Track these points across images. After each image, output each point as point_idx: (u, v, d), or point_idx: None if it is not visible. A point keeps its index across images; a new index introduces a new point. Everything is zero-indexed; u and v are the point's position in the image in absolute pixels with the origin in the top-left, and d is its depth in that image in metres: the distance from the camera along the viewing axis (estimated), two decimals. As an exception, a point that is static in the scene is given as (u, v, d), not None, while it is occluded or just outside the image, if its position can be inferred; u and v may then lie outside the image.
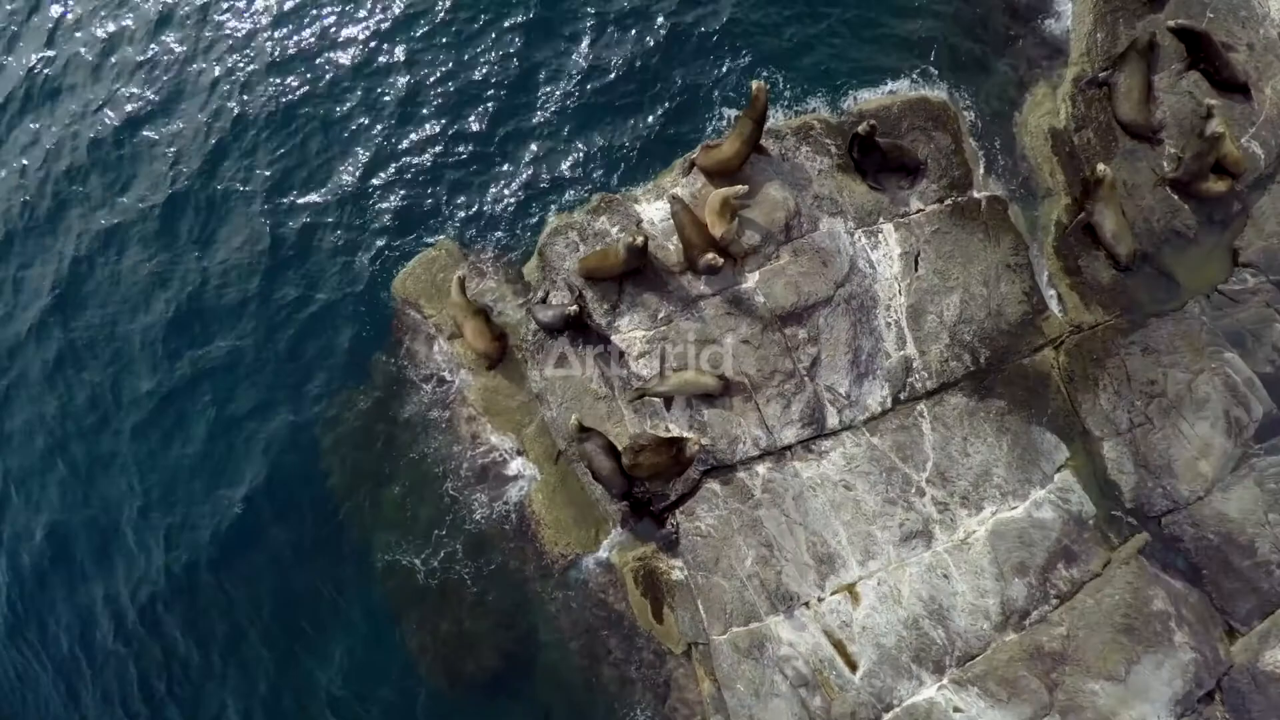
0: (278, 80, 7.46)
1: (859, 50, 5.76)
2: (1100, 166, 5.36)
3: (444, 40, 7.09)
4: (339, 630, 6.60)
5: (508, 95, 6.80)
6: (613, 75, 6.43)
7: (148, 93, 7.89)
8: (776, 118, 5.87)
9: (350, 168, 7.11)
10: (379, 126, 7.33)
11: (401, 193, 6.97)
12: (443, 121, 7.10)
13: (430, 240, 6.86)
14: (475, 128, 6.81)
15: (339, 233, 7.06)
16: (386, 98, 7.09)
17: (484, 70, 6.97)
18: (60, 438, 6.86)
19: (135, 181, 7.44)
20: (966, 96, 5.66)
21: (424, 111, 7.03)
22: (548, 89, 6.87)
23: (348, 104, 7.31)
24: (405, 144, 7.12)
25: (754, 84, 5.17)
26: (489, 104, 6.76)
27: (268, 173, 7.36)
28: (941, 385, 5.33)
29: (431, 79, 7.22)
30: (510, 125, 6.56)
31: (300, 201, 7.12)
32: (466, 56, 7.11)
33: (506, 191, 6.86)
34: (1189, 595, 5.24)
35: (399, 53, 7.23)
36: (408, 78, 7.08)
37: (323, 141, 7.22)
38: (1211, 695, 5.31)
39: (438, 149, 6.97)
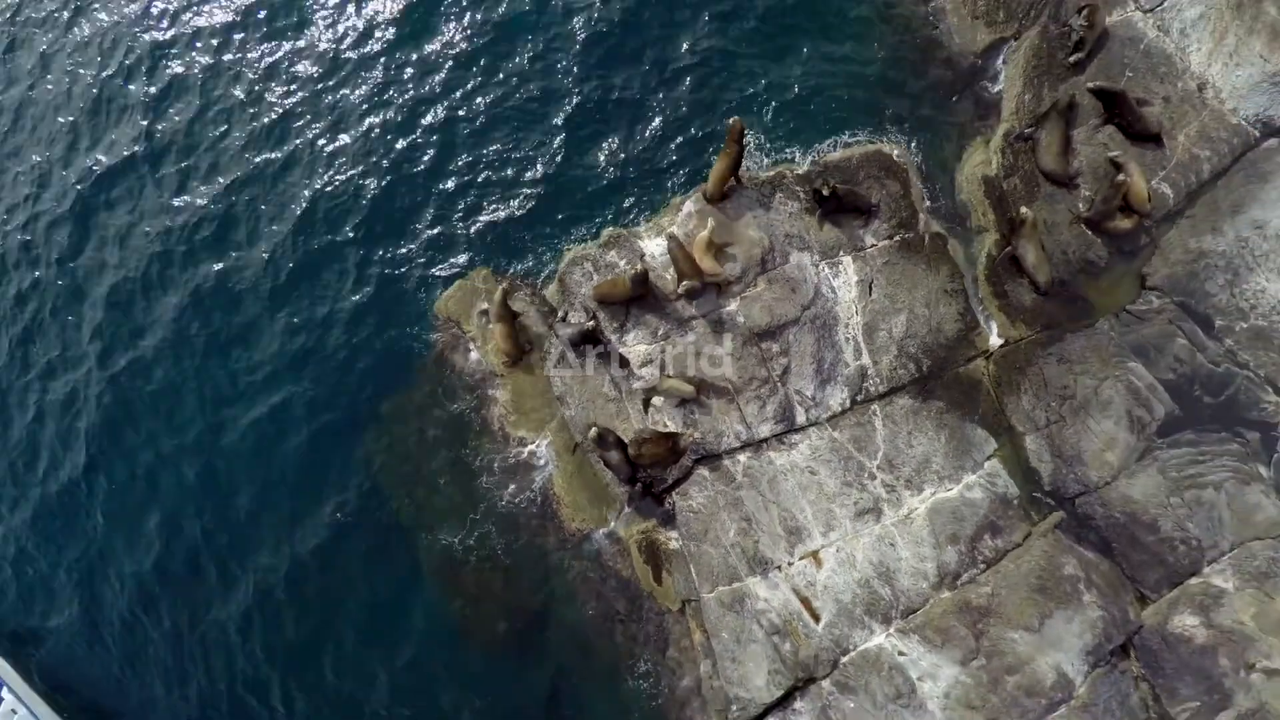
0: (339, 138, 8.58)
1: (824, 111, 6.81)
2: (1023, 209, 6.38)
3: (469, 99, 8.14)
4: (390, 598, 7.77)
5: (531, 141, 7.96)
6: (613, 129, 7.52)
7: (236, 138, 9.01)
8: (756, 167, 6.96)
9: (398, 208, 8.33)
10: (419, 168, 8.43)
11: (439, 229, 8.14)
12: (475, 165, 8.21)
13: (466, 267, 8.18)
14: (505, 172, 7.92)
15: (389, 262, 8.28)
16: (426, 154, 8.16)
17: (513, 123, 8.10)
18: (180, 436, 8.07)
19: (255, 237, 8.44)
20: (914, 149, 6.69)
21: (459, 160, 8.09)
22: (560, 138, 8.00)
23: (393, 155, 8.39)
24: (443, 186, 8.26)
25: (731, 120, 6.29)
26: (516, 149, 7.92)
27: (328, 212, 8.52)
28: (891, 389, 6.41)
29: (465, 130, 8.30)
30: (532, 168, 7.71)
31: (355, 236, 8.29)
32: (488, 113, 8.12)
33: (529, 225, 8.05)
34: (1100, 564, 6.23)
35: (439, 111, 8.25)
36: (444, 134, 8.13)
37: (376, 186, 8.40)
38: (1126, 651, 6.31)
39: (471, 190, 8.12)
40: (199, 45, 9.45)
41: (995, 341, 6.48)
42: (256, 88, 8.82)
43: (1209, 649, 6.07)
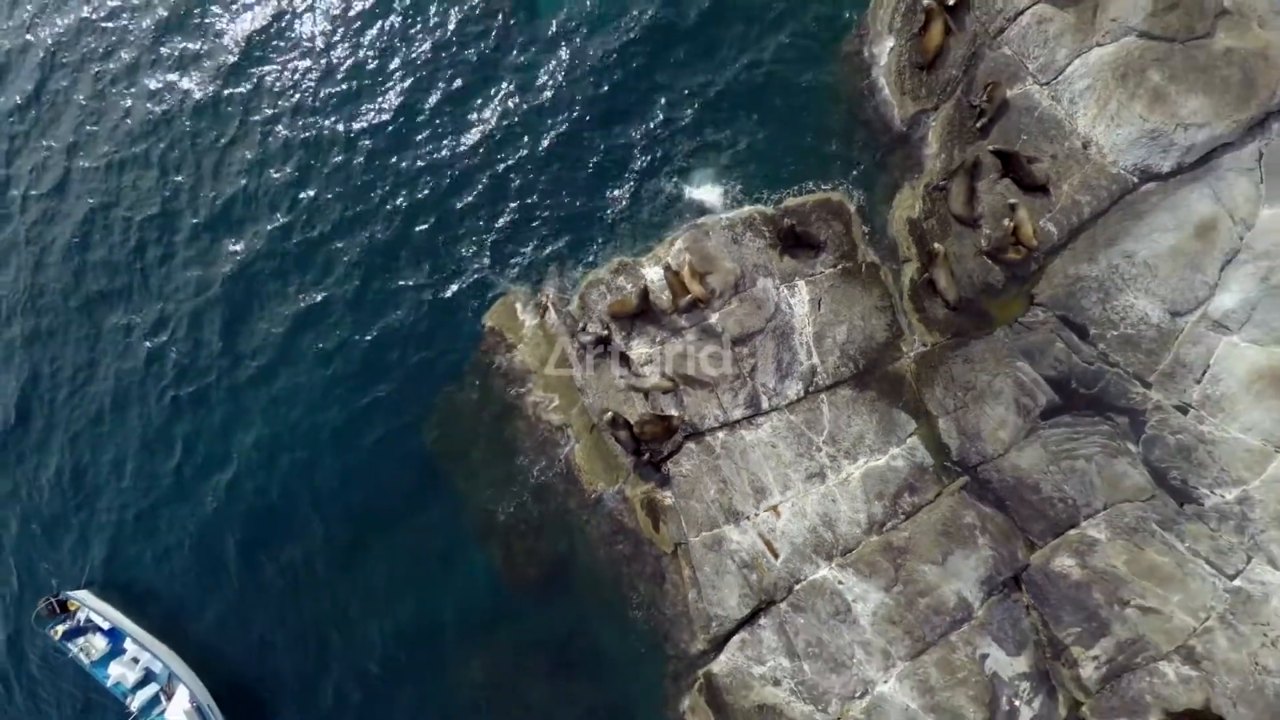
0: (403, 194, 10.14)
1: (785, 166, 8.54)
2: (937, 244, 8.08)
3: (510, 167, 9.74)
4: (446, 552, 9.65)
5: (556, 193, 9.71)
6: (620, 182, 9.25)
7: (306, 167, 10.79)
8: (728, 212, 8.82)
9: (454, 244, 9.99)
10: (466, 211, 10.00)
11: (488, 259, 9.86)
12: (512, 211, 9.81)
13: (507, 287, 10.13)
14: (539, 215, 9.60)
15: (446, 286, 10.09)
16: (472, 199, 9.86)
17: (539, 180, 9.71)
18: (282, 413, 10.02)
19: (330, 265, 10.28)
20: (856, 197, 8.43)
21: (500, 207, 9.80)
22: (578, 189, 9.58)
23: (443, 203, 10.00)
24: (489, 225, 9.90)
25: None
26: (545, 200, 9.68)
27: (402, 255, 9.98)
28: (835, 382, 8.19)
29: (501, 186, 9.92)
30: (559, 213, 9.56)
31: (420, 268, 9.95)
32: (522, 175, 9.75)
33: (557, 256, 9.89)
34: (995, 517, 7.92)
35: (481, 174, 9.84)
36: (487, 188, 9.83)
37: (436, 229, 10.02)
38: (1018, 584, 8.01)
39: (513, 230, 9.94)
40: (289, 105, 11.53)
41: (917, 346, 8.19)
42: (344, 158, 10.44)
43: (1084, 585, 7.75)
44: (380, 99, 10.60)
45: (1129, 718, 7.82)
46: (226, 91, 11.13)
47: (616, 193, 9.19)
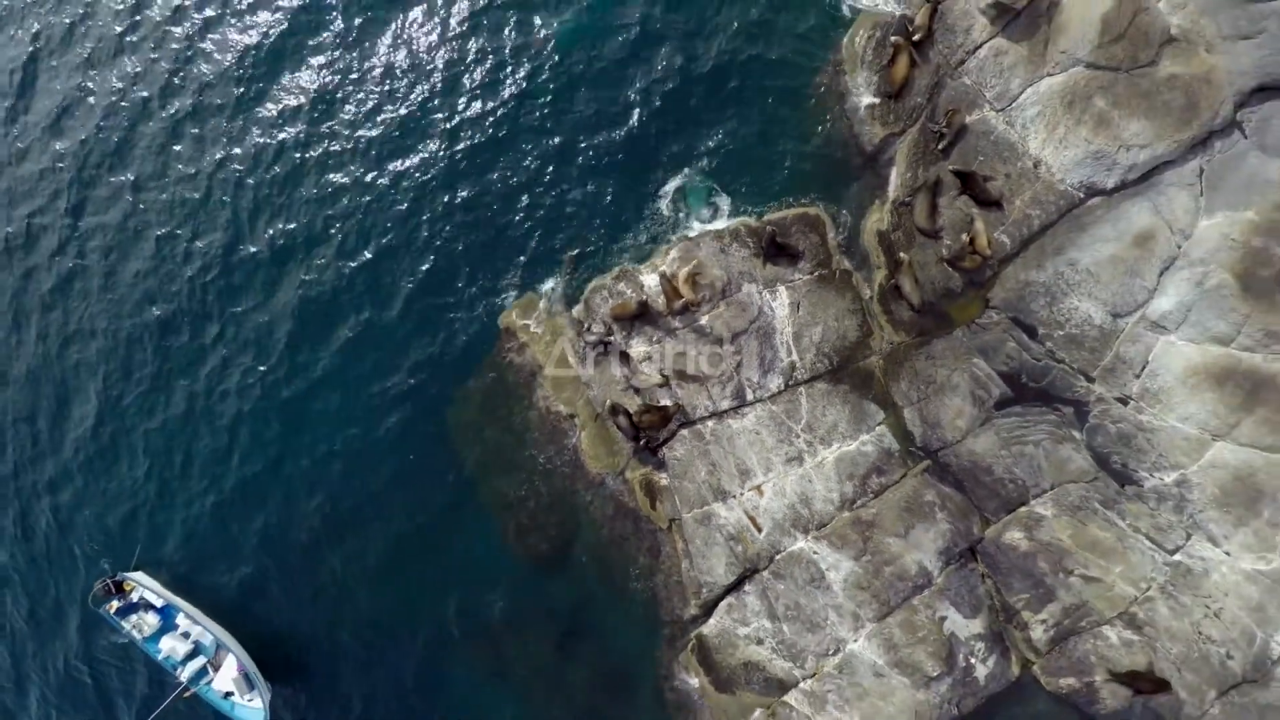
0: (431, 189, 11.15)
1: (767, 184, 9.41)
2: (902, 254, 9.01)
3: (520, 186, 10.66)
4: (464, 531, 10.61)
5: (566, 212, 10.63)
6: (623, 202, 10.14)
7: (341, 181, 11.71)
8: (716, 225, 9.87)
9: (476, 256, 10.80)
10: (483, 224, 10.84)
11: (502, 267, 10.78)
12: (522, 224, 10.69)
13: (519, 293, 10.99)
14: (549, 229, 10.50)
15: (467, 291, 10.92)
16: (490, 213, 10.77)
17: (546, 197, 10.60)
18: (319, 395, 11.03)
19: (363, 240, 11.19)
20: (832, 211, 9.30)
21: (513, 219, 10.71)
22: (582, 207, 10.48)
23: (466, 218, 10.88)
24: (503, 238, 10.80)
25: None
26: (553, 216, 10.64)
27: (432, 272, 10.79)
28: (811, 377, 9.09)
29: (512, 204, 10.75)
30: (567, 228, 10.60)
31: (445, 278, 10.82)
32: (533, 195, 10.63)
33: (563, 263, 10.92)
34: (954, 496, 8.81)
35: (495, 193, 10.74)
36: (502, 201, 10.73)
37: (459, 238, 10.95)
38: (973, 555, 8.95)
39: (525, 241, 10.79)
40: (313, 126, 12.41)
41: (884, 344, 9.07)
42: (383, 193, 11.20)
43: (1032, 555, 8.65)
44: (420, 140, 11.39)
45: (1076, 677, 8.75)
46: (280, 136, 12.07)
47: (617, 208, 10.11)
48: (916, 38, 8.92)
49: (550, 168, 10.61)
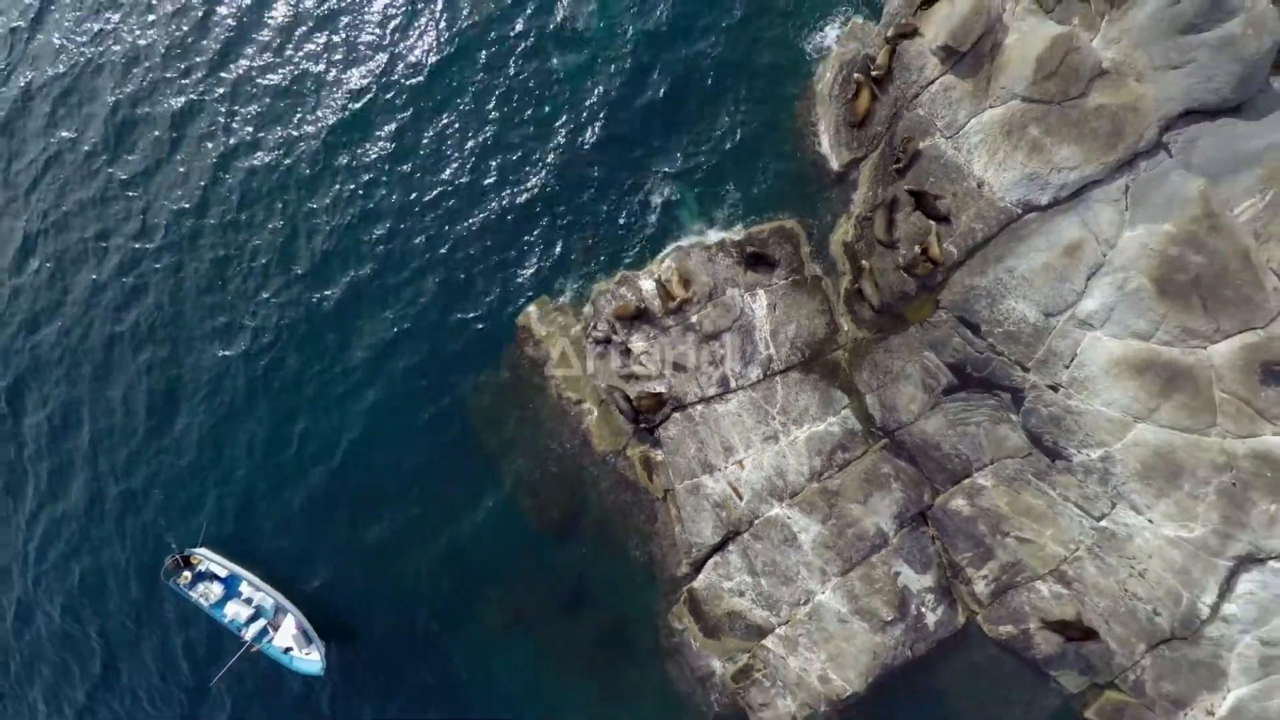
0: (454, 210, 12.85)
1: (749, 201, 10.61)
2: (864, 262, 10.34)
3: (530, 199, 12.06)
4: (482, 500, 11.87)
5: (579, 224, 12.27)
6: (625, 219, 11.49)
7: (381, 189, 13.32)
8: (705, 237, 11.19)
9: (492, 259, 12.31)
10: (503, 233, 12.27)
11: (519, 273, 12.29)
12: (536, 237, 12.10)
13: (534, 294, 12.35)
14: (562, 240, 11.87)
15: (488, 293, 12.41)
16: (509, 226, 12.11)
17: (561, 212, 12.02)
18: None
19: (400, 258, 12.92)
20: (805, 224, 10.53)
21: (530, 233, 12.09)
22: (594, 219, 12.09)
23: (491, 228, 12.19)
24: (522, 244, 12.18)
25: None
26: (566, 227, 12.16)
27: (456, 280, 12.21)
28: (786, 368, 10.31)
29: (529, 214, 12.16)
30: (578, 237, 12.16)
31: (472, 280, 12.16)
32: (551, 210, 12.02)
33: (574, 268, 12.35)
34: (908, 469, 10.10)
35: (511, 206, 12.38)
36: (518, 216, 12.06)
37: (481, 250, 12.31)
38: (924, 519, 10.33)
39: (538, 250, 12.47)
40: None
41: (849, 340, 10.30)
42: (421, 211, 12.50)
43: (973, 519, 9.99)
44: (448, 163, 12.69)
45: (1013, 625, 10.09)
46: (321, 164, 13.44)
47: (620, 222, 11.41)
48: (877, 75, 10.22)
49: (561, 188, 12.00)
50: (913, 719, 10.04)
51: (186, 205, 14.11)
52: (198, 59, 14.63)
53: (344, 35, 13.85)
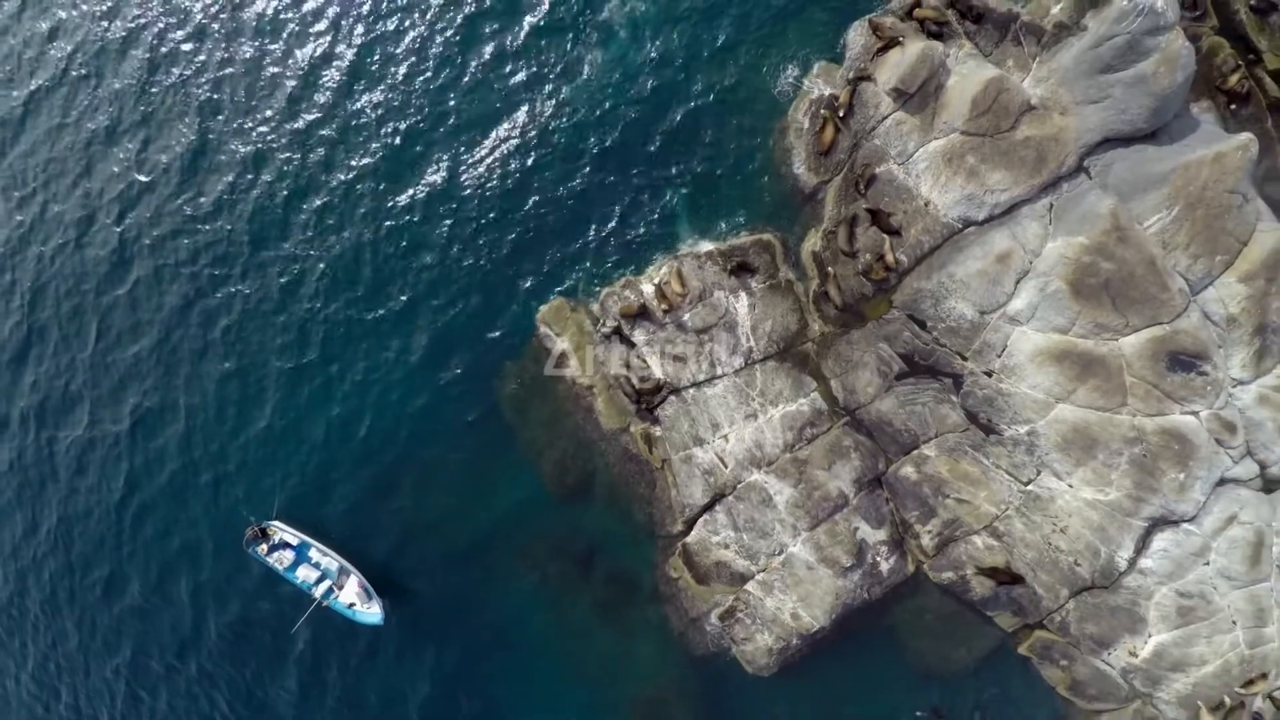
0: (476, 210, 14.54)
1: (733, 218, 12.05)
2: (830, 268, 12.14)
3: (536, 206, 13.58)
4: (507, 471, 13.23)
5: (589, 233, 14.06)
6: (631, 230, 13.05)
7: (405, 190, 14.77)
8: (696, 248, 13.04)
9: (514, 265, 13.63)
10: (521, 246, 13.62)
11: (540, 276, 13.50)
12: (553, 245, 13.50)
13: (549, 295, 14.15)
14: (575, 246, 13.48)
15: (511, 293, 13.71)
16: (531, 232, 13.53)
17: (569, 223, 13.58)
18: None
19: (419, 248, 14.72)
20: (781, 237, 12.01)
21: (549, 242, 13.52)
22: (603, 227, 13.96)
23: (510, 233, 13.71)
24: (532, 252, 13.66)
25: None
26: (579, 236, 13.91)
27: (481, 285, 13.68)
28: (765, 357, 11.73)
29: (545, 219, 13.62)
30: (589, 244, 14.05)
31: (502, 283, 13.53)
32: (559, 211, 13.54)
33: (586, 273, 14.03)
34: (865, 442, 11.72)
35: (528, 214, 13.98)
36: (535, 227, 13.48)
37: (505, 258, 13.71)
38: (879, 484, 12.16)
39: (554, 255, 13.93)
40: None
41: (817, 334, 11.77)
42: (451, 219, 13.87)
43: (919, 484, 11.78)
44: (470, 184, 14.06)
45: (953, 571, 11.92)
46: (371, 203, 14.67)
47: (628, 236, 12.93)
48: (840, 111, 12.04)
49: (572, 203, 13.70)
50: (870, 650, 11.97)
51: (261, 234, 15.46)
52: (272, 106, 15.68)
53: (385, 85, 15.35)
